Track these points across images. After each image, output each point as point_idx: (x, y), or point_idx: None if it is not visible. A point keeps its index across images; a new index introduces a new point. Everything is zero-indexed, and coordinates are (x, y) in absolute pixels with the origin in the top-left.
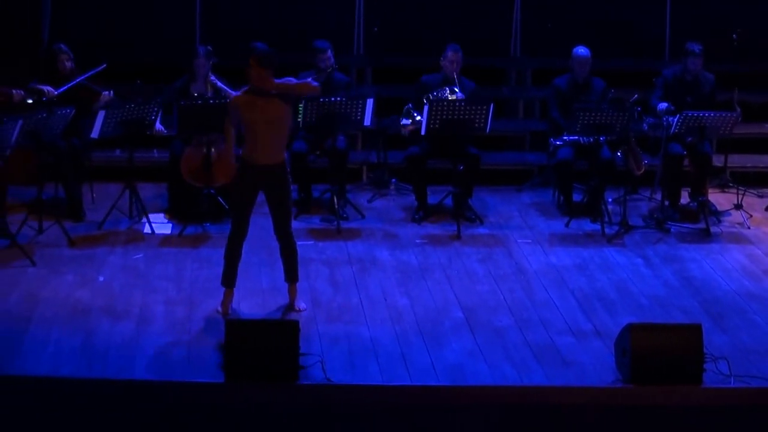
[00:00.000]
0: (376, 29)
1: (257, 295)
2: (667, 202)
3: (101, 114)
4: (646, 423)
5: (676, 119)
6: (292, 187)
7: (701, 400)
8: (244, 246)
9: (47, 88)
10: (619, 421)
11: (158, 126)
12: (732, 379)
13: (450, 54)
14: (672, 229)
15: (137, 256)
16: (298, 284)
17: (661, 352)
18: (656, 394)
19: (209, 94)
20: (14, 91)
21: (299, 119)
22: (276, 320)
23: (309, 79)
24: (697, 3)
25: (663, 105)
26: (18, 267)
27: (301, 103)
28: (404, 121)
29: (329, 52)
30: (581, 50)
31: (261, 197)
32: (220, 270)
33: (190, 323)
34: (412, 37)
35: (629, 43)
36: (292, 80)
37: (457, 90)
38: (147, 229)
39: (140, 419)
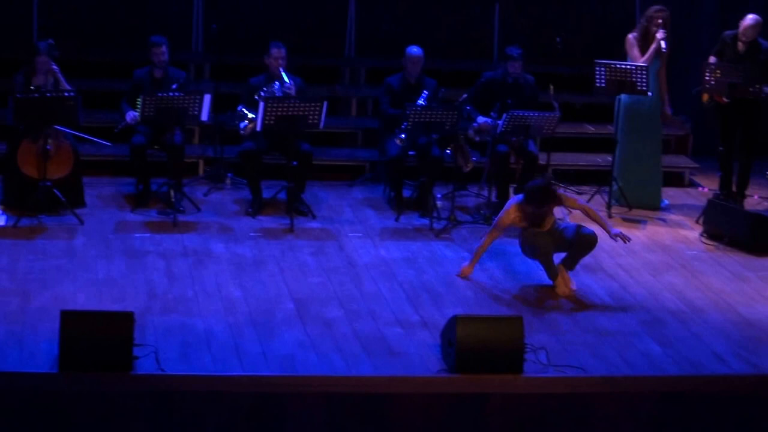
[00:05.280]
0: (214, 27)
1: (94, 286)
2: (494, 198)
3: None
4: (470, 410)
5: (503, 119)
6: (131, 180)
7: (522, 388)
8: (80, 239)
9: None
10: (445, 409)
11: None
12: (550, 368)
13: (274, 51)
14: None
15: None
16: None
17: (485, 343)
18: (480, 382)
19: (50, 86)
20: None
21: (137, 112)
22: (111, 312)
23: None
24: (522, 7)
25: (482, 119)
26: None
27: (139, 98)
28: (242, 125)
29: (164, 47)
30: (414, 49)
31: None
32: (55, 262)
33: (23, 314)
34: (250, 35)
35: (460, 45)
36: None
37: (287, 81)
38: None
39: None
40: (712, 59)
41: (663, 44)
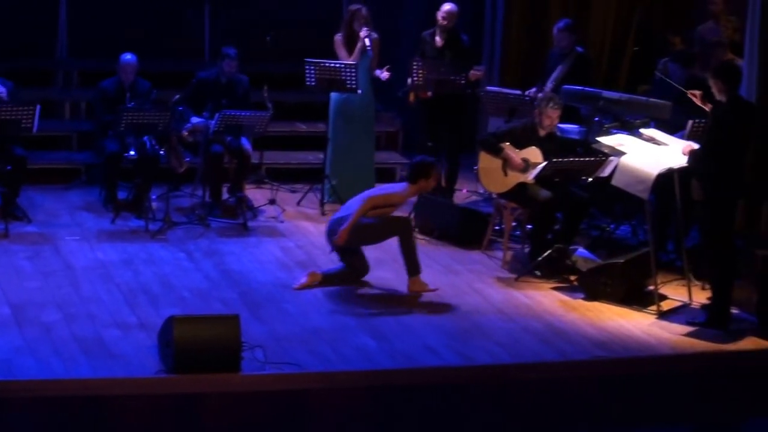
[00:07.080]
0: None
1: None
2: (208, 199)
3: None
4: (189, 411)
5: (215, 119)
6: None
7: (240, 386)
8: None
9: None
10: (164, 410)
11: None
12: (267, 366)
13: None
14: (212, 225)
15: None
16: None
17: (202, 343)
18: (198, 382)
19: None
20: None
21: None
22: None
23: None
24: (232, 7)
25: (196, 119)
26: None
27: None
28: None
29: None
30: (127, 56)
31: None
32: None
33: None
34: None
35: (172, 46)
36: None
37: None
38: None
39: None
40: (416, 59)
41: (367, 42)
